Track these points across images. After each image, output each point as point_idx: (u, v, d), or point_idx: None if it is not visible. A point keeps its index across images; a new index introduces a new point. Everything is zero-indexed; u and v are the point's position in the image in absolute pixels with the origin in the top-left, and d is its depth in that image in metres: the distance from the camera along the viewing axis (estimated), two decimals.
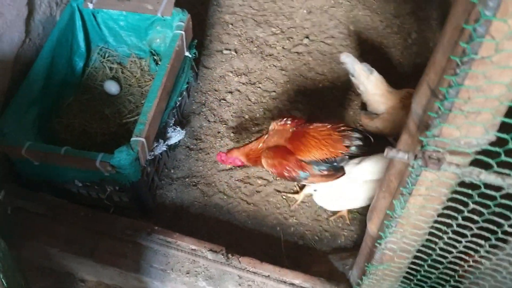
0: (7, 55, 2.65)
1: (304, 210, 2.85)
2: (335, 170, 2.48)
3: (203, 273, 2.42)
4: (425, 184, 1.35)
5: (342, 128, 2.47)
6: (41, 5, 2.85)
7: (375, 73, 2.79)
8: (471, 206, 1.29)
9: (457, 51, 1.08)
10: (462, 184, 1.32)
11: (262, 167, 2.56)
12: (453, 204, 1.36)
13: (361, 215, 2.83)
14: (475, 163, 1.28)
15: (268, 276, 2.40)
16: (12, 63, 2.69)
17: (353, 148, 2.44)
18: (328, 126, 2.48)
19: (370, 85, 2.80)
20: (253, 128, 3.16)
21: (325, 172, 2.46)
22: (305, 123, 2.54)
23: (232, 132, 3.17)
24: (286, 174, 2.47)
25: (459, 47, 1.09)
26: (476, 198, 1.25)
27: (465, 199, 1.29)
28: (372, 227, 1.92)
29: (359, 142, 2.44)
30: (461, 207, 1.34)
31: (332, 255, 2.63)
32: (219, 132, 3.18)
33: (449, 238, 1.50)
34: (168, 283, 2.43)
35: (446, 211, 1.41)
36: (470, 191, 1.27)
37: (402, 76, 3.36)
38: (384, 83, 2.81)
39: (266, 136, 2.57)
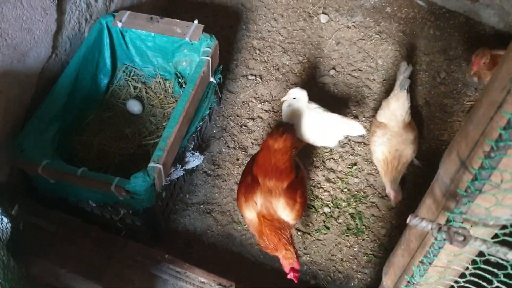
0: (32, 70, 2.65)
1: (319, 248, 2.79)
2: None
3: None
4: (448, 256, 1.28)
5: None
6: (70, 21, 2.86)
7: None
8: (495, 284, 1.22)
9: (492, 130, 1.03)
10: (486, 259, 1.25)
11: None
12: (475, 279, 1.30)
13: (376, 257, 2.75)
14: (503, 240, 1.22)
15: None
16: (37, 78, 2.70)
17: None
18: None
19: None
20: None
21: None
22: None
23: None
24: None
25: (495, 123, 1.04)
26: (502, 278, 1.19)
27: (489, 276, 1.23)
28: (388, 282, 1.85)
29: None
30: (483, 283, 1.28)
31: None
32: (238, 159, 3.14)
33: None
34: None
35: (467, 285, 1.35)
36: (494, 269, 1.21)
37: (428, 117, 3.29)
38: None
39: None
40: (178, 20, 2.98)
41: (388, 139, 2.78)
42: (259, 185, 2.41)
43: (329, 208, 2.92)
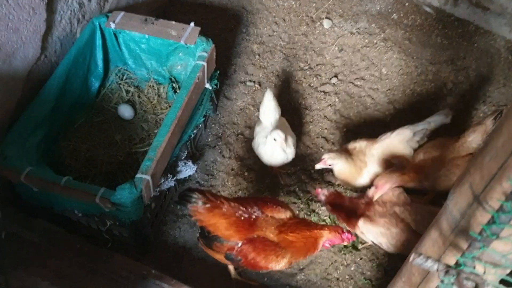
0: (19, 72, 2.52)
1: (314, 266, 2.65)
2: None
3: None
4: None
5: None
6: (61, 21, 2.72)
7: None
8: None
9: None
10: None
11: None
12: None
13: (374, 281, 2.61)
14: None
15: None
16: (24, 81, 2.56)
17: None
18: None
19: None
20: (269, 169, 2.98)
21: None
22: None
23: (246, 171, 2.99)
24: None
25: None
26: None
27: None
28: None
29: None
30: None
31: None
32: (232, 169, 3.00)
33: None
34: None
35: None
36: None
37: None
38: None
39: None
40: (173, 22, 2.85)
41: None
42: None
43: (326, 223, 2.78)
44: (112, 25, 2.84)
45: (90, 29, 2.83)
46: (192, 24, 2.81)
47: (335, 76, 3.44)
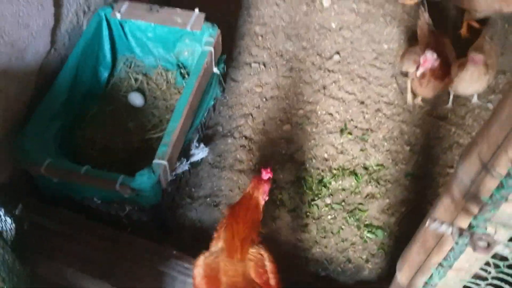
0: (31, 66, 2.59)
1: (328, 239, 2.75)
2: None
3: None
4: (469, 260, 1.24)
5: None
6: (68, 14, 2.78)
7: None
8: None
9: None
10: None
11: None
12: (499, 283, 1.25)
13: (386, 247, 2.72)
14: None
15: None
16: (36, 74, 2.63)
17: None
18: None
19: None
20: (281, 149, 3.07)
21: None
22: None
23: (257, 150, 3.08)
24: None
25: None
26: None
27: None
28: (402, 279, 1.81)
29: None
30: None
31: None
32: (242, 147, 3.09)
33: None
34: None
35: None
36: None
37: (436, 99, 3.22)
38: None
39: None
40: (178, 10, 2.90)
41: None
42: None
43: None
44: (118, 15, 2.89)
45: (97, 21, 2.89)
46: (196, 10, 2.87)
47: (337, 53, 3.50)
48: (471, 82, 2.85)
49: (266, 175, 2.16)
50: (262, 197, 2.14)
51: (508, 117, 1.03)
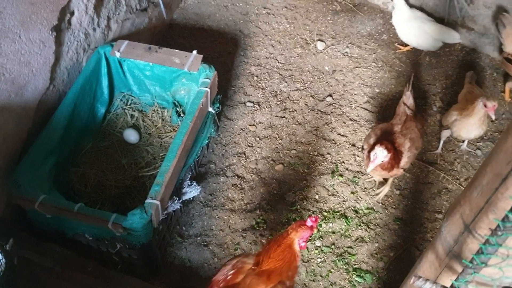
0: (30, 103, 2.63)
1: (317, 282, 2.77)
2: None
3: None
4: None
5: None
6: (68, 51, 2.85)
7: None
8: None
9: (497, 200, 1.02)
10: None
11: None
12: None
13: None
14: None
15: None
16: (34, 110, 2.68)
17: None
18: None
19: None
20: (273, 189, 3.11)
21: None
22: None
23: (248, 189, 3.11)
24: None
25: (500, 195, 1.03)
26: None
27: None
28: None
29: None
30: None
31: None
32: (234, 186, 3.12)
33: None
34: None
35: None
36: None
37: (425, 146, 3.29)
38: None
39: None
40: (176, 50, 2.98)
41: None
42: None
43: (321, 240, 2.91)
44: (117, 54, 2.96)
45: (96, 58, 2.95)
46: (194, 52, 2.95)
47: (330, 95, 3.58)
48: (478, 126, 2.94)
49: (310, 222, 2.13)
50: (298, 240, 2.10)
51: (489, 184, 1.09)
